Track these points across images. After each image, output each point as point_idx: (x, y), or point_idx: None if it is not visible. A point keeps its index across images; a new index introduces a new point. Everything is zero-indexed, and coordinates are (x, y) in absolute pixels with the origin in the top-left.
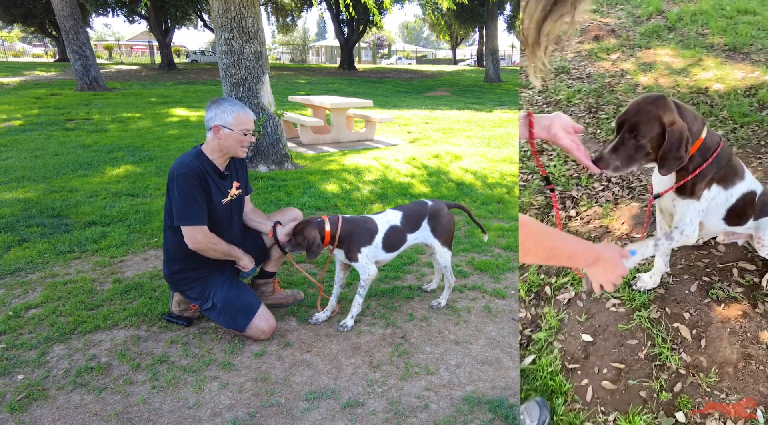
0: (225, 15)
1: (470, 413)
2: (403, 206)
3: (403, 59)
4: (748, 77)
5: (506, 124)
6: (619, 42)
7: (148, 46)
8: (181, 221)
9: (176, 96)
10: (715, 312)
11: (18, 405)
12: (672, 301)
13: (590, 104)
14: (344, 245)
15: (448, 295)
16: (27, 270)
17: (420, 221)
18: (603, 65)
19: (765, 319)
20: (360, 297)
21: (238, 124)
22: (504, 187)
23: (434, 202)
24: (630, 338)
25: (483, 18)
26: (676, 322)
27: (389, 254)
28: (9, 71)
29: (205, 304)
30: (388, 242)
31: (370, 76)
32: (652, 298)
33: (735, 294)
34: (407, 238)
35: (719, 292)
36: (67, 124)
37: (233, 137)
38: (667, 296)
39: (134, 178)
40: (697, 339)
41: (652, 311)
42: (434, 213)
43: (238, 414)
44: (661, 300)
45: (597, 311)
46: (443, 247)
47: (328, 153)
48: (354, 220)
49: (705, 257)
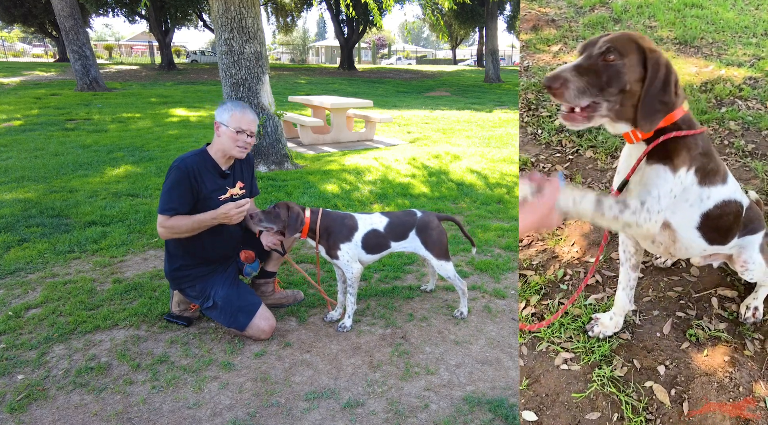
0: (225, 15)
1: (470, 413)
2: (391, 213)
3: (403, 59)
4: (702, 72)
5: (506, 124)
6: (561, 33)
7: (148, 47)
8: (158, 210)
9: (176, 96)
10: (697, 361)
11: (18, 405)
12: (641, 350)
13: (529, 100)
14: (323, 240)
15: (466, 302)
16: (27, 270)
17: (406, 232)
18: (543, 58)
19: (757, 363)
20: (351, 296)
21: (233, 122)
22: (504, 187)
23: (424, 213)
24: (589, 410)
25: (483, 18)
26: (648, 381)
27: (370, 256)
28: (9, 71)
29: (205, 303)
30: (369, 244)
31: (370, 76)
32: (616, 347)
33: (717, 333)
34: (391, 245)
35: (698, 332)
36: (67, 124)
37: (227, 134)
38: (634, 343)
39: (134, 178)
40: (677, 402)
41: (617, 368)
42: (423, 226)
43: (238, 414)
44: (627, 349)
45: (542, 371)
46: (439, 260)
47: (328, 153)
48: (333, 215)
49: (677, 285)
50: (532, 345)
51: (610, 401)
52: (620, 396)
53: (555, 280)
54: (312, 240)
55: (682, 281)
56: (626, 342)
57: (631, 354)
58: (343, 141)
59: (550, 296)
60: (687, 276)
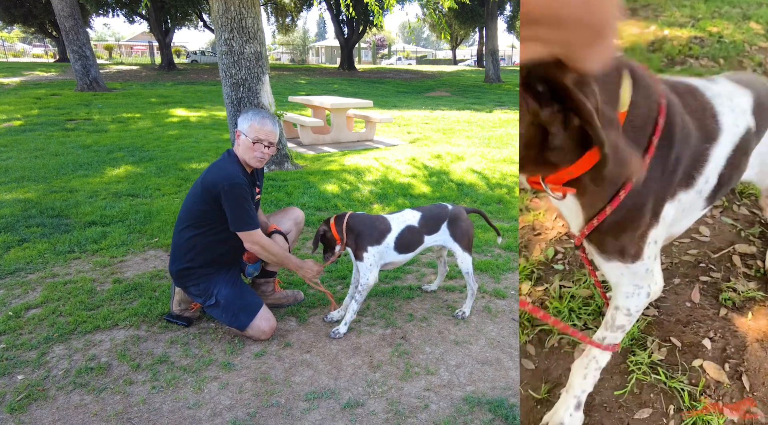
0: (225, 15)
1: (470, 413)
2: (423, 207)
3: (403, 59)
4: (645, 32)
5: (506, 124)
6: None
7: (148, 47)
8: (240, 228)
9: (176, 96)
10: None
11: (18, 405)
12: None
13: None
14: (351, 241)
15: (471, 303)
16: (27, 270)
17: (439, 224)
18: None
19: None
20: (356, 303)
21: (252, 132)
22: (504, 187)
23: (454, 206)
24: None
25: (483, 18)
26: (696, 359)
27: (404, 255)
28: (9, 71)
29: (208, 301)
30: (404, 243)
31: (370, 76)
32: (644, 327)
33: (751, 292)
34: (424, 239)
35: (732, 295)
36: (67, 124)
37: (245, 143)
38: (664, 318)
39: (134, 178)
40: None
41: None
42: (454, 218)
43: (238, 415)
44: (659, 327)
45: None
46: (464, 252)
47: (328, 153)
48: (362, 217)
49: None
50: (539, 341)
51: (659, 391)
52: (670, 383)
53: (546, 261)
54: (347, 247)
55: (695, 242)
56: (655, 318)
57: (665, 331)
58: (343, 141)
59: (545, 280)
60: (698, 237)
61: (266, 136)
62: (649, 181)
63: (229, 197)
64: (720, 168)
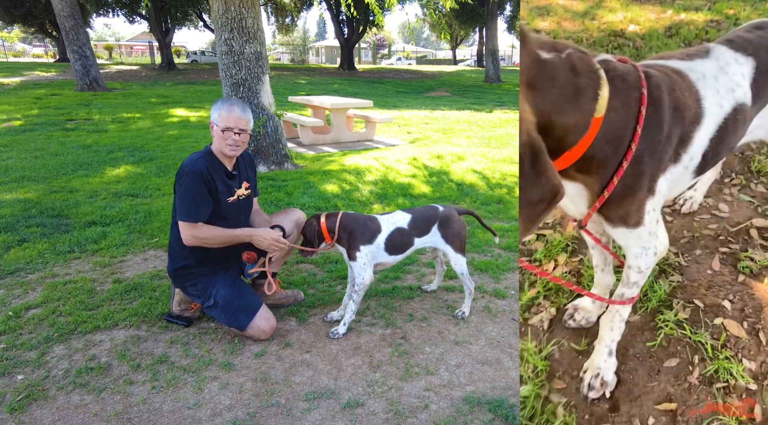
0: (225, 15)
1: (470, 413)
2: (413, 209)
3: (403, 59)
4: (662, 17)
5: (506, 124)
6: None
7: (148, 47)
8: (179, 217)
9: (176, 96)
10: (760, 291)
11: (18, 405)
12: (698, 288)
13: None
14: (344, 241)
15: (470, 302)
16: (27, 270)
17: (429, 226)
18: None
19: None
20: (354, 304)
21: (221, 120)
22: (504, 187)
23: (445, 207)
24: (666, 357)
25: (483, 18)
26: (717, 318)
27: (393, 257)
28: (9, 71)
29: (207, 301)
30: (393, 244)
31: (370, 76)
32: (670, 291)
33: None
34: (414, 241)
35: (750, 264)
36: (67, 124)
37: (217, 133)
38: (687, 283)
39: (134, 178)
40: (753, 333)
41: (679, 311)
42: (445, 219)
43: (238, 415)
44: (683, 290)
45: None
46: (457, 253)
47: (328, 153)
48: (355, 216)
49: (710, 223)
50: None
51: (685, 344)
52: (694, 337)
53: (580, 236)
54: (340, 246)
55: (715, 218)
56: (679, 283)
57: (688, 294)
58: (343, 141)
59: (580, 251)
60: (718, 213)
61: (235, 123)
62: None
63: (179, 184)
64: (703, 148)
